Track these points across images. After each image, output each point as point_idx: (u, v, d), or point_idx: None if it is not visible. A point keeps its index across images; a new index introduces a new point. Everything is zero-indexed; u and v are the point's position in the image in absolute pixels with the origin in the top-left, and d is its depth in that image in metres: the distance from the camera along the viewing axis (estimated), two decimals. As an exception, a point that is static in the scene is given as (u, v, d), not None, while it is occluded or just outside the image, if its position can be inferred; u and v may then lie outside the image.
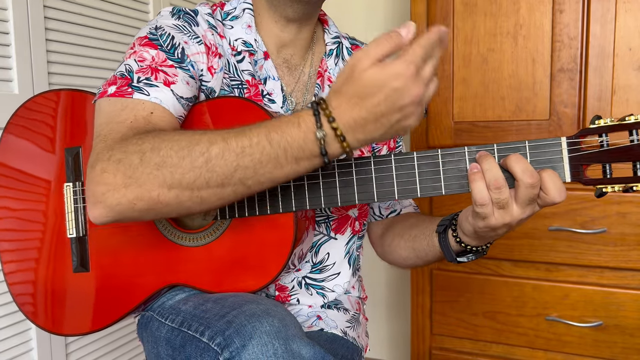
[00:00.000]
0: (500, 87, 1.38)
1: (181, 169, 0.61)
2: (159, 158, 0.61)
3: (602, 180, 0.66)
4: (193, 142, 0.61)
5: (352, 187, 0.71)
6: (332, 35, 0.94)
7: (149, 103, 0.70)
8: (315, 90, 0.90)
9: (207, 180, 0.61)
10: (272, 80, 0.86)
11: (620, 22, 1.25)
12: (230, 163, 0.60)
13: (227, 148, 0.60)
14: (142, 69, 0.73)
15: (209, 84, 0.81)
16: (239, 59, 0.85)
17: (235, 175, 0.61)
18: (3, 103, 1.17)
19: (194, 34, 0.80)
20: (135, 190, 0.62)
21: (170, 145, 0.61)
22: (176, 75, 0.74)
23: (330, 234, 0.92)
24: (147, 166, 0.61)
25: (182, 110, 0.74)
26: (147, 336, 0.81)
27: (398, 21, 1.93)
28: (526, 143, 0.67)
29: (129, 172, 0.62)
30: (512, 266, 1.41)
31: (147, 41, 0.76)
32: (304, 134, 0.59)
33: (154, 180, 0.61)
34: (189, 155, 0.61)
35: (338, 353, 0.86)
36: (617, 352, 1.32)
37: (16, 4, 1.20)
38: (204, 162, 0.60)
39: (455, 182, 0.69)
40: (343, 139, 0.58)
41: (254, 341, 0.60)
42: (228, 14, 0.87)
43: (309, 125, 0.58)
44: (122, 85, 0.71)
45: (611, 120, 0.65)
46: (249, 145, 0.60)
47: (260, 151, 0.60)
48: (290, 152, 0.59)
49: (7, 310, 1.20)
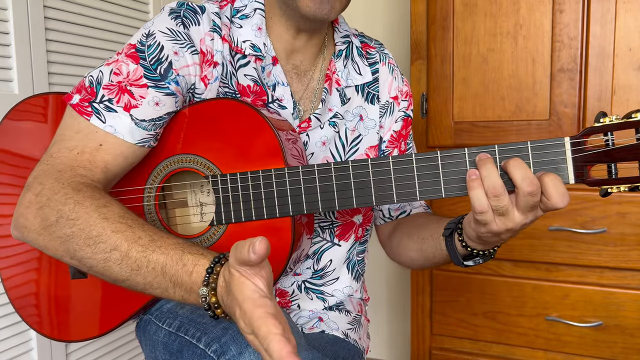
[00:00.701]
0: (500, 87, 1.38)
1: (83, 253, 0.65)
2: (69, 231, 0.65)
3: (608, 181, 0.64)
4: (101, 236, 0.64)
5: (350, 190, 0.70)
6: (341, 34, 0.91)
7: (102, 132, 0.72)
8: (322, 95, 0.87)
9: (102, 272, 0.65)
10: (281, 86, 0.84)
11: (620, 22, 1.25)
12: (124, 272, 0.64)
13: (126, 258, 0.63)
14: (111, 84, 0.73)
15: (202, 95, 0.79)
16: (242, 62, 0.82)
17: (127, 282, 0.65)
18: (3, 103, 1.16)
19: (188, 42, 0.76)
20: (45, 241, 0.68)
21: (83, 226, 0.65)
22: (143, 97, 0.73)
23: (333, 240, 0.91)
24: (59, 231, 0.66)
25: (143, 134, 0.74)
26: (145, 339, 0.81)
27: (398, 21, 1.93)
28: (528, 144, 0.65)
29: (45, 224, 0.67)
30: (512, 266, 1.41)
31: (133, 52, 0.75)
32: (191, 285, 0.61)
33: (61, 245, 0.67)
34: (93, 245, 0.64)
35: (339, 355, 0.85)
36: (617, 352, 1.32)
37: (16, 4, 1.19)
38: (103, 260, 0.64)
39: (455, 185, 0.67)
40: (217, 306, 0.59)
41: (250, 348, 0.60)
42: (238, 11, 0.83)
43: (199, 280, 0.60)
44: (84, 99, 0.73)
45: (616, 118, 0.62)
46: (145, 266, 0.63)
47: (153, 277, 0.63)
48: (179, 291, 0.62)
49: (7, 310, 1.20)
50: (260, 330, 0.50)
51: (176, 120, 0.78)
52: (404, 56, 1.87)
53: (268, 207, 0.73)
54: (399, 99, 0.94)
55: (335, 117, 0.88)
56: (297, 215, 0.74)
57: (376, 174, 0.69)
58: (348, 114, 0.89)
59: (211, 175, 0.75)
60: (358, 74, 0.90)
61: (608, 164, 0.63)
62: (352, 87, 0.90)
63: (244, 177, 0.73)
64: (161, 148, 0.78)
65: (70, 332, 0.83)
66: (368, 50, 0.94)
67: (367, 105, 0.91)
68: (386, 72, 0.94)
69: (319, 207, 0.72)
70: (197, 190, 0.83)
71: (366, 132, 0.91)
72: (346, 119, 0.89)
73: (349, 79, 0.89)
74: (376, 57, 0.94)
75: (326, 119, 0.87)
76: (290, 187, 0.72)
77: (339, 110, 0.88)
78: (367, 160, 0.70)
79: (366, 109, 0.91)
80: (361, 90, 0.91)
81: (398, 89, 0.95)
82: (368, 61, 0.92)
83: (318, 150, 0.86)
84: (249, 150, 0.74)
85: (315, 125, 0.86)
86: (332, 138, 0.88)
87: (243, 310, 0.53)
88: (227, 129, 0.75)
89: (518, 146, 0.65)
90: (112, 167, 0.73)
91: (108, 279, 0.66)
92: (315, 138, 0.86)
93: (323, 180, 0.71)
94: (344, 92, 0.89)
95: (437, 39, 1.43)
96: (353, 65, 0.90)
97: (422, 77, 1.47)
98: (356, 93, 0.90)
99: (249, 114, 0.74)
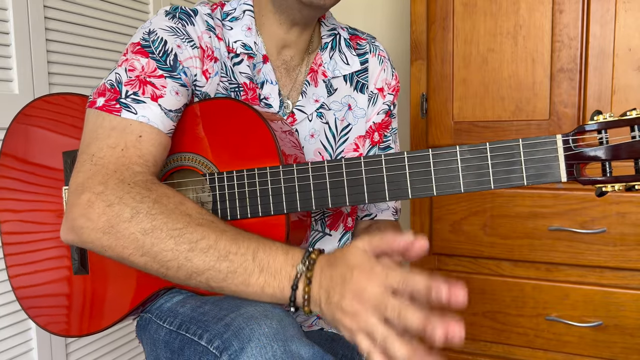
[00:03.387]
0: (500, 87, 1.38)
1: (163, 245, 0.63)
2: (150, 225, 0.64)
3: (602, 180, 0.63)
4: (188, 227, 0.64)
5: (342, 188, 0.71)
6: (328, 28, 0.92)
7: (137, 123, 0.71)
8: (303, 86, 0.88)
9: (179, 266, 0.64)
10: (269, 84, 0.85)
11: (620, 22, 1.25)
12: (209, 261, 0.63)
13: (214, 247, 0.63)
14: (130, 80, 0.73)
15: (203, 89, 0.80)
16: (236, 61, 0.84)
17: (206, 274, 0.64)
18: (3, 103, 1.17)
19: (187, 37, 0.79)
20: (111, 240, 0.65)
21: (166, 219, 0.64)
22: (164, 86, 0.74)
23: (325, 230, 0.92)
24: (135, 226, 0.64)
25: (171, 124, 0.75)
26: (146, 338, 0.81)
27: (398, 21, 1.93)
28: (520, 142, 0.64)
29: (114, 222, 0.64)
30: (512, 266, 1.41)
31: (139, 48, 0.76)
32: (287, 262, 0.62)
33: (134, 242, 0.64)
34: (178, 236, 0.63)
35: (338, 352, 0.86)
36: (617, 352, 1.32)
37: (16, 4, 1.20)
38: (187, 250, 0.63)
39: (447, 183, 0.67)
40: (309, 282, 0.61)
41: (252, 344, 0.60)
42: (227, 14, 0.86)
43: (296, 257, 0.62)
44: (110, 99, 0.72)
45: (610, 116, 0.61)
46: (234, 252, 0.63)
47: (240, 262, 0.63)
48: (262, 277, 0.62)
49: (7, 310, 1.20)
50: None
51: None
52: (404, 56, 1.87)
53: (263, 205, 0.74)
54: (385, 92, 0.95)
55: (322, 108, 0.89)
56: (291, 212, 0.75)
57: (369, 172, 0.70)
58: (335, 103, 0.90)
59: (208, 173, 0.77)
60: (345, 64, 0.91)
61: (602, 163, 0.62)
62: (340, 77, 0.91)
63: (240, 175, 0.75)
64: None
65: (71, 328, 0.85)
66: (358, 41, 0.95)
67: (357, 94, 0.92)
68: (375, 62, 0.94)
69: (312, 205, 0.72)
70: (197, 190, 0.84)
71: (355, 121, 0.92)
72: (334, 109, 0.90)
73: (336, 70, 0.90)
74: (366, 47, 0.94)
75: (312, 110, 0.88)
76: (284, 185, 0.73)
77: (325, 101, 0.89)
78: (360, 158, 0.71)
79: (355, 98, 0.92)
80: (349, 80, 0.92)
81: (385, 81, 0.95)
82: (357, 51, 0.93)
83: (308, 144, 0.88)
84: (246, 149, 0.76)
85: (302, 118, 0.87)
86: (321, 129, 0.89)
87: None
88: (225, 127, 0.76)
89: (509, 144, 0.65)
90: (159, 160, 0.73)
91: (183, 273, 0.64)
92: (304, 132, 0.87)
93: (317, 178, 0.72)
94: (331, 82, 0.90)
95: (437, 39, 1.43)
96: (340, 56, 0.91)
97: (422, 77, 1.47)
98: (344, 82, 0.91)
99: (246, 113, 0.75)
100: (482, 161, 0.66)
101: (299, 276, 0.61)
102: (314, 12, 0.82)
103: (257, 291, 0.63)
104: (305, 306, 0.61)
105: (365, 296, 0.55)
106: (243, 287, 0.63)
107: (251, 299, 0.65)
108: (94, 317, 0.83)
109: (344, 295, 0.57)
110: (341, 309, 0.57)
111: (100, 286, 0.82)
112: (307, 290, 0.61)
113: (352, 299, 0.56)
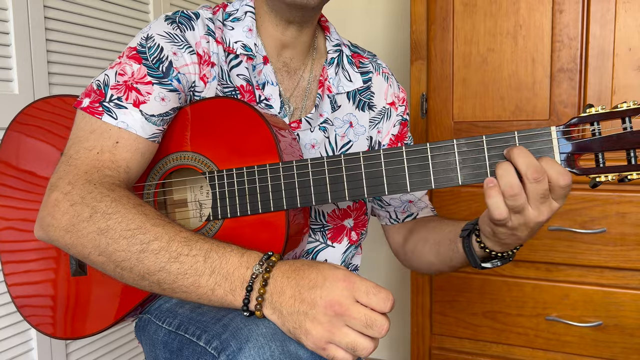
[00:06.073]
0: (500, 87, 1.38)
1: (116, 245, 0.65)
2: (104, 225, 0.65)
3: (596, 170, 0.65)
4: (141, 229, 0.65)
5: (342, 183, 0.72)
6: (333, 43, 0.94)
7: (115, 129, 0.73)
8: (317, 100, 0.89)
9: (132, 266, 0.65)
10: (270, 85, 0.86)
11: (620, 22, 1.24)
12: (160, 262, 0.64)
13: (166, 248, 0.64)
14: (118, 84, 0.75)
15: (202, 94, 0.81)
16: (234, 63, 0.84)
17: (157, 275, 0.64)
18: (3, 103, 1.17)
19: (185, 43, 0.80)
20: (73, 239, 0.68)
21: (120, 219, 0.65)
22: (150, 93, 0.75)
23: (327, 242, 0.92)
24: (92, 225, 0.66)
25: (154, 128, 0.76)
26: (145, 339, 0.81)
27: (398, 21, 1.93)
28: (515, 134, 0.66)
29: (75, 221, 0.67)
30: (512, 266, 1.41)
31: (134, 53, 0.77)
32: (241, 264, 0.63)
33: (91, 241, 0.66)
34: (130, 237, 0.64)
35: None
36: (617, 352, 1.32)
37: (16, 4, 1.20)
38: (138, 251, 0.64)
39: (444, 176, 0.68)
40: (265, 284, 0.61)
41: (250, 344, 0.60)
42: (230, 14, 0.87)
43: (252, 259, 0.63)
44: (94, 101, 0.75)
45: (602, 108, 0.64)
46: (185, 254, 0.63)
47: (191, 264, 0.63)
48: (213, 278, 0.63)
49: (7, 310, 1.21)
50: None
51: (175, 119, 0.80)
52: (404, 56, 1.87)
53: (263, 202, 0.74)
54: (396, 104, 0.98)
55: (325, 123, 0.90)
56: (291, 209, 0.75)
57: (367, 167, 0.71)
58: (338, 120, 0.91)
59: (208, 171, 0.77)
60: (348, 81, 0.93)
61: (595, 154, 0.65)
62: (344, 94, 0.92)
63: (240, 173, 0.75)
64: (161, 146, 0.79)
65: (69, 330, 0.85)
66: (360, 60, 0.97)
67: (358, 112, 0.94)
68: (381, 80, 0.97)
69: (312, 201, 0.73)
70: (196, 189, 0.84)
71: (356, 138, 0.94)
72: (336, 125, 0.91)
73: (340, 86, 0.92)
74: (369, 67, 0.97)
75: (316, 124, 0.89)
76: (284, 181, 0.73)
77: (329, 117, 0.90)
78: (358, 153, 0.71)
79: (357, 116, 0.93)
80: (352, 97, 0.93)
81: (394, 95, 0.98)
82: (359, 69, 0.95)
83: (308, 153, 0.88)
84: (245, 147, 0.76)
85: (306, 128, 0.88)
86: (322, 142, 0.90)
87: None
88: (224, 126, 0.77)
89: (506, 136, 0.66)
90: (132, 166, 0.74)
91: (136, 274, 0.65)
92: (305, 140, 0.88)
93: (316, 174, 0.72)
94: (335, 99, 0.91)
95: (437, 39, 1.43)
96: (343, 73, 0.93)
97: (422, 77, 1.47)
98: (347, 100, 0.93)
99: (245, 112, 0.76)
100: (479, 153, 0.68)
101: (255, 277, 0.61)
102: (301, 12, 0.83)
103: (207, 293, 0.63)
104: (258, 310, 0.61)
105: (344, 305, 0.56)
106: (193, 288, 0.64)
107: (204, 303, 0.66)
108: (95, 318, 0.83)
109: (316, 303, 0.58)
110: (312, 317, 0.58)
111: (99, 287, 0.82)
112: (261, 292, 0.61)
113: (326, 308, 0.57)
